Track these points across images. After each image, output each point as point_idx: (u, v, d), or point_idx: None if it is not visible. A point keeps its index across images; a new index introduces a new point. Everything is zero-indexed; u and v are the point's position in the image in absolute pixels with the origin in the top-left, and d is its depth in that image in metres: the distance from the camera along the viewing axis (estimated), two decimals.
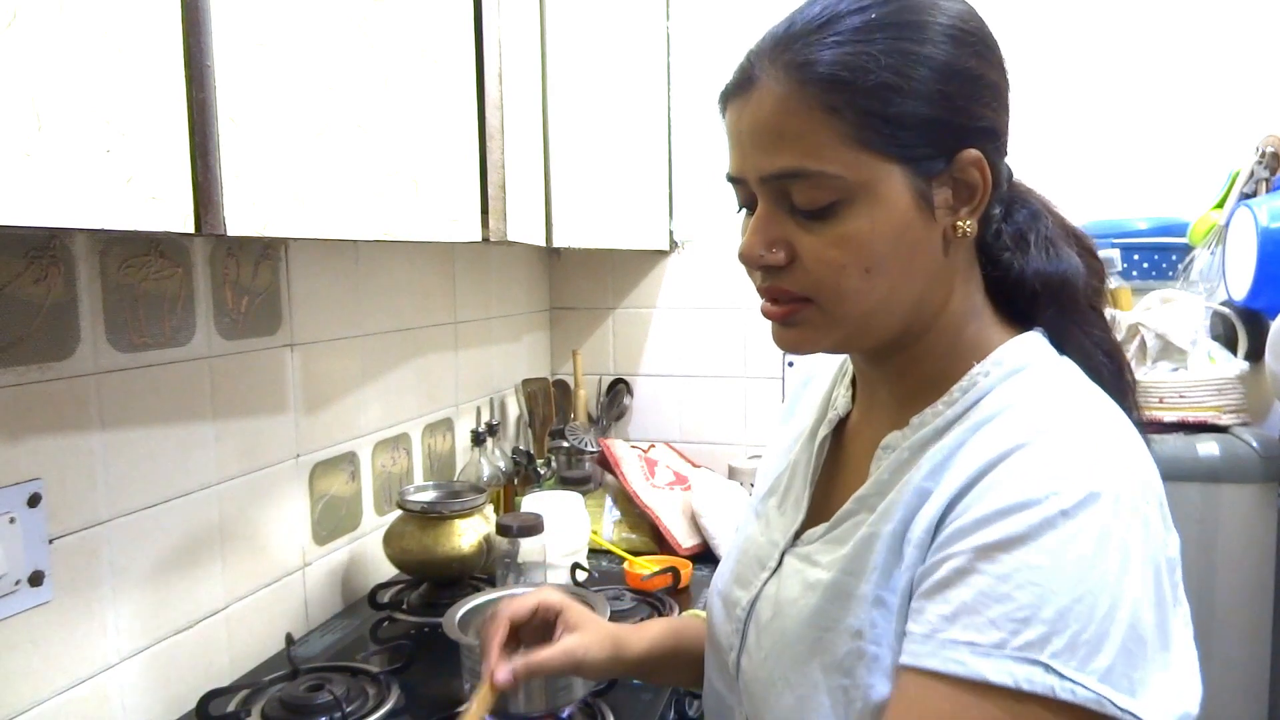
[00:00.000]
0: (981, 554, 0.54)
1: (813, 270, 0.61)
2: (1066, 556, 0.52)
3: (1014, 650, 0.51)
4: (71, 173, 0.58)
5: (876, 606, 0.60)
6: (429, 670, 1.17)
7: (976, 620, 0.53)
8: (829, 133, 0.58)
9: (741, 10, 1.99)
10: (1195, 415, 1.56)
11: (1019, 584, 0.52)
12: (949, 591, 0.54)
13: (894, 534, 0.61)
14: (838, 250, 0.60)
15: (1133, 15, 1.80)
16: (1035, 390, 0.62)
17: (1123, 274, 1.75)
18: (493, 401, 1.91)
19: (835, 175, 0.58)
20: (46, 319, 0.91)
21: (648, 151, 1.94)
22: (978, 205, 0.62)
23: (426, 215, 1.00)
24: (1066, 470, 0.55)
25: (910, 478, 0.63)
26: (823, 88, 0.58)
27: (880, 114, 0.58)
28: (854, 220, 0.59)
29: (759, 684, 0.68)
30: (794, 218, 0.61)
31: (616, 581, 1.49)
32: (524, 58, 1.25)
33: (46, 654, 0.92)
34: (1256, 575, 1.48)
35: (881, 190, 0.59)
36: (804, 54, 0.59)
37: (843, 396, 0.77)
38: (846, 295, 0.61)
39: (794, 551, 0.72)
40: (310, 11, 0.80)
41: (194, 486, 1.12)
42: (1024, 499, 0.54)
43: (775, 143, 0.60)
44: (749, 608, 0.72)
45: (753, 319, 2.05)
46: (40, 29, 0.56)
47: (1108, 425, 0.59)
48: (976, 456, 0.59)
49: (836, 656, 0.61)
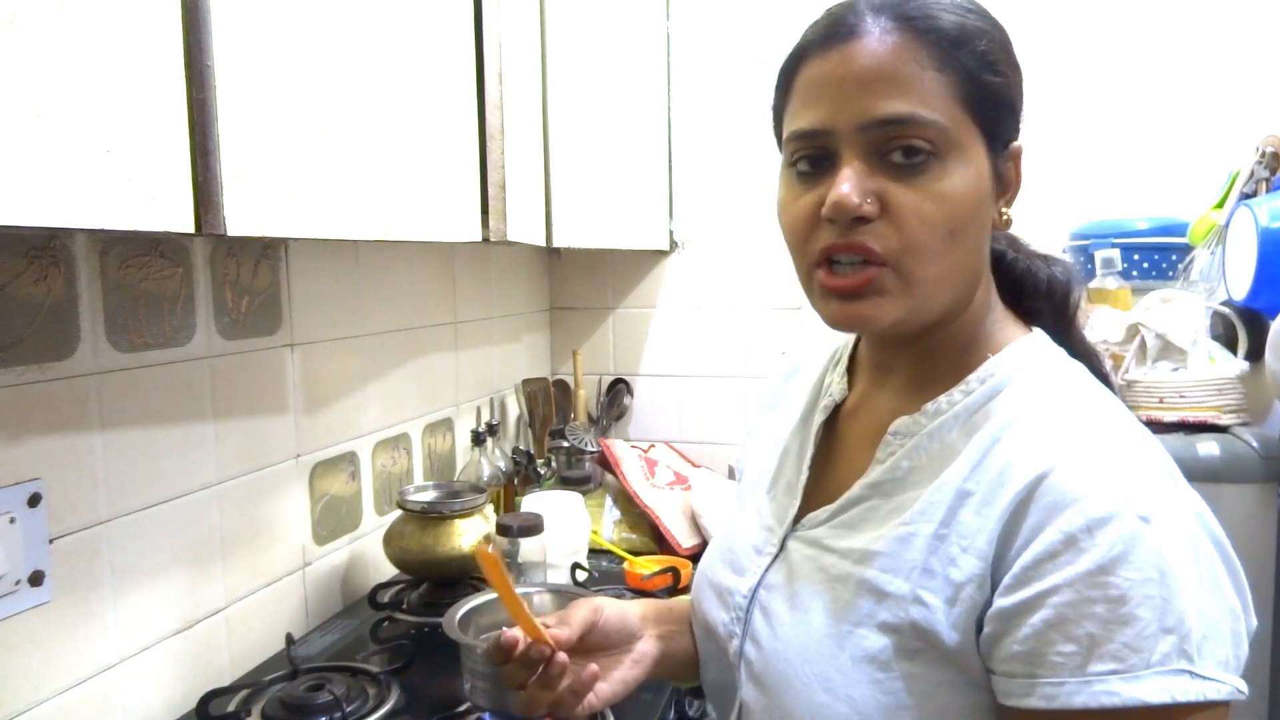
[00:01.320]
0: (1088, 582, 0.54)
1: (907, 221, 0.60)
2: (1166, 562, 0.53)
3: (1158, 666, 0.52)
4: (71, 172, 0.58)
5: (916, 604, 0.60)
6: (429, 670, 1.17)
7: (1111, 648, 0.53)
8: (940, 86, 0.60)
9: (741, 10, 1.99)
10: (1195, 415, 1.56)
11: (1138, 602, 0.53)
12: (1069, 627, 0.54)
13: (936, 535, 0.61)
14: (933, 205, 0.60)
15: (1133, 16, 1.80)
16: (1059, 392, 0.63)
17: (1123, 274, 1.75)
18: (493, 401, 1.91)
19: (944, 127, 0.60)
20: (46, 319, 0.91)
21: (648, 151, 1.94)
22: (1012, 198, 0.66)
23: (427, 215, 1.00)
24: (1126, 478, 0.56)
25: (946, 479, 0.62)
26: (939, 44, 0.60)
27: (981, 81, 0.61)
28: (948, 179, 0.60)
29: (775, 675, 0.67)
30: (885, 172, 0.61)
31: (616, 581, 1.49)
32: (524, 58, 1.25)
33: (46, 654, 0.92)
34: (1256, 575, 1.48)
35: (971, 155, 0.62)
36: (921, 11, 0.61)
37: (837, 383, 0.78)
38: (929, 256, 0.61)
39: (797, 536, 0.71)
40: (310, 11, 0.80)
41: (194, 486, 1.12)
42: (1102, 514, 0.54)
43: (890, 88, 0.60)
44: (750, 595, 0.72)
45: (753, 319, 2.06)
46: (40, 29, 0.56)
47: (1133, 427, 0.61)
48: (1021, 462, 0.59)
49: (871, 651, 0.61)
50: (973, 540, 0.59)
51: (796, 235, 0.65)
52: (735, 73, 2.00)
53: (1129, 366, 1.65)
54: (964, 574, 0.59)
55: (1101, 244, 1.76)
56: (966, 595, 0.59)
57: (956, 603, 0.59)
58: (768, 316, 2.04)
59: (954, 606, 0.59)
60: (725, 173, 2.03)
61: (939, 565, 0.60)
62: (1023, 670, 0.56)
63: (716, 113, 2.03)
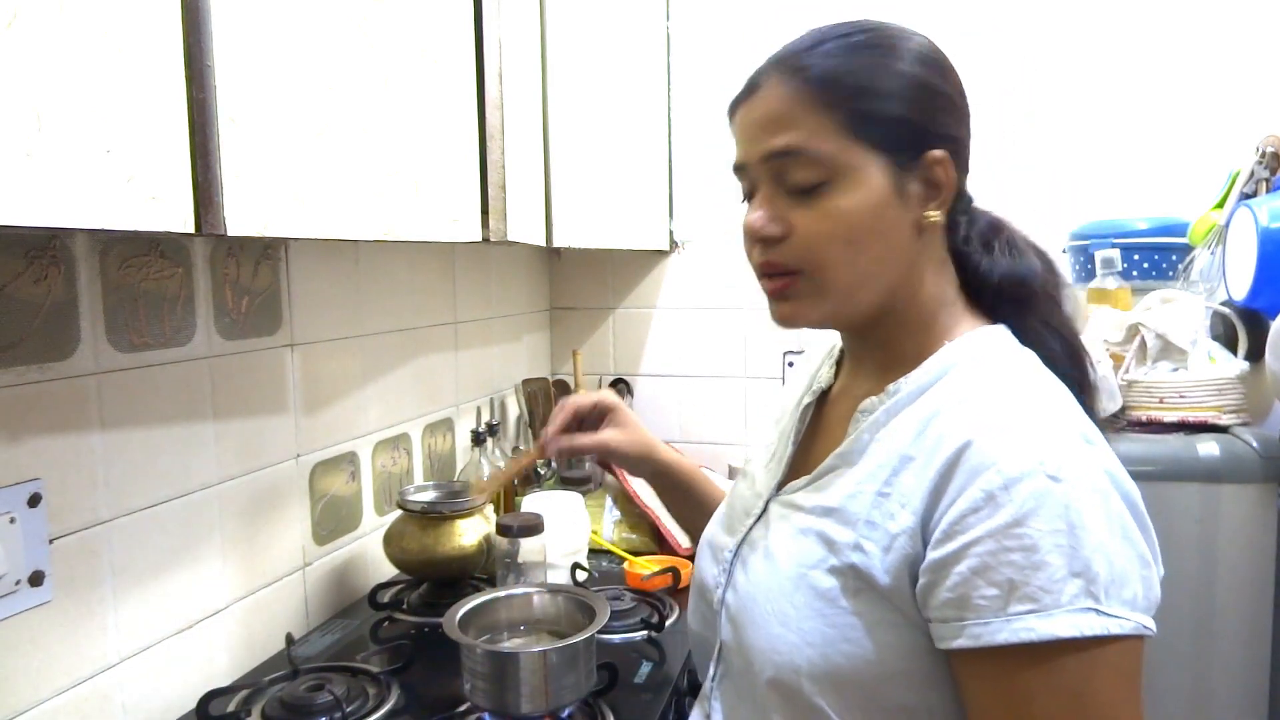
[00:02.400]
0: (1004, 534, 0.61)
1: (803, 240, 0.72)
2: (1073, 515, 0.61)
3: (1068, 605, 0.60)
4: (71, 172, 0.58)
5: (856, 551, 0.70)
6: (429, 670, 1.17)
7: (1027, 590, 0.60)
8: (822, 122, 0.71)
9: (741, 11, 1.99)
10: (1195, 415, 1.56)
11: (1048, 550, 0.60)
12: (990, 574, 0.62)
13: (880, 494, 0.70)
14: (826, 223, 0.71)
15: (1133, 16, 1.80)
16: (998, 375, 0.71)
17: (1123, 274, 1.75)
18: (493, 401, 1.91)
19: (826, 155, 0.70)
20: (46, 319, 0.91)
21: (648, 151, 1.94)
22: (943, 200, 0.74)
23: (427, 215, 1.00)
24: (1039, 443, 0.64)
25: (891, 443, 0.72)
26: (817, 86, 0.71)
27: (863, 110, 0.71)
28: (840, 198, 0.71)
29: (744, 614, 0.77)
30: (789, 197, 0.73)
31: (616, 581, 1.49)
32: (524, 58, 1.25)
33: (46, 654, 0.92)
34: (1256, 575, 1.48)
35: (863, 176, 0.71)
36: (804, 61, 0.72)
37: (826, 371, 0.90)
38: (830, 265, 0.72)
39: (778, 500, 0.82)
40: (310, 11, 0.80)
41: (194, 486, 1.12)
42: (1016, 474, 0.62)
43: (778, 127, 0.72)
44: (735, 550, 0.83)
45: (753, 319, 2.06)
46: (40, 29, 0.56)
47: (1054, 399, 0.69)
48: (952, 431, 0.67)
49: (820, 588, 0.71)
50: (909, 498, 0.68)
51: (747, 252, 0.78)
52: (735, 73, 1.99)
53: (1129, 366, 1.65)
54: (899, 526, 0.68)
55: (1101, 244, 1.76)
56: (900, 545, 0.67)
57: (891, 550, 0.68)
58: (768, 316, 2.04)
59: (888, 554, 0.68)
60: (725, 173, 2.02)
61: (880, 519, 0.69)
62: (953, 615, 0.64)
63: (716, 113, 2.03)
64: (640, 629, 1.29)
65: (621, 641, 1.27)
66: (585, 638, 0.99)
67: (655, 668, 1.19)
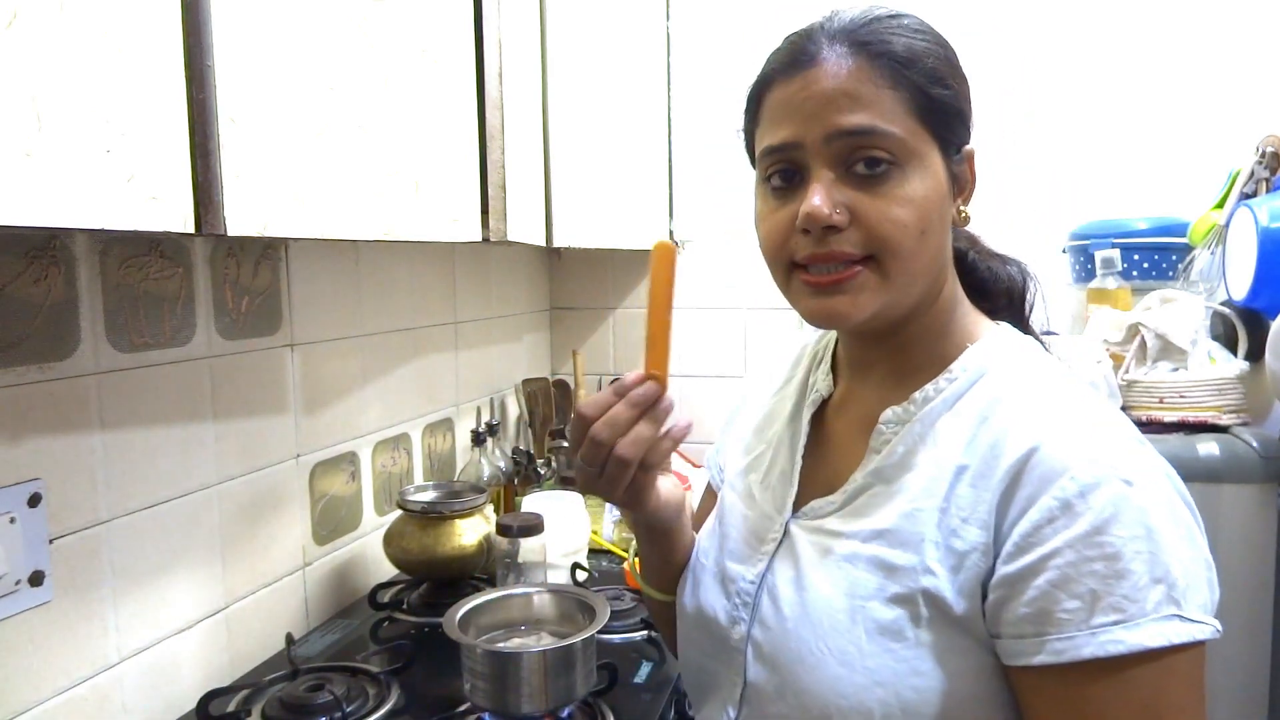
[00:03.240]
0: (1084, 543, 0.58)
1: (877, 229, 0.66)
2: (1150, 520, 0.59)
3: (1153, 614, 0.57)
4: (71, 173, 0.58)
5: (925, 574, 0.64)
6: (429, 670, 1.17)
7: (1111, 601, 0.58)
8: (895, 102, 0.66)
9: (741, 10, 1.99)
10: (1195, 415, 1.56)
11: (1130, 557, 0.58)
12: (1072, 585, 0.59)
13: (938, 509, 0.66)
14: (901, 209, 0.66)
15: (1133, 16, 1.80)
16: (1042, 378, 0.69)
17: (1123, 274, 1.75)
18: (493, 401, 1.91)
19: (902, 138, 0.65)
20: (46, 319, 0.91)
21: (648, 151, 1.94)
22: (969, 197, 0.72)
23: (427, 215, 1.00)
24: (1107, 447, 0.61)
25: (937, 454, 0.68)
26: (891, 64, 0.66)
27: (932, 95, 0.67)
28: (911, 184, 0.66)
29: (787, 653, 0.69)
30: (850, 183, 0.66)
31: (616, 581, 1.49)
32: (524, 58, 1.25)
33: (46, 654, 0.92)
34: (1256, 575, 1.48)
35: (929, 162, 0.67)
36: (872, 35, 0.67)
37: (822, 380, 0.83)
38: (904, 253, 0.66)
39: (800, 524, 0.74)
40: (310, 11, 0.80)
41: (194, 486, 1.12)
42: (1091, 480, 0.59)
43: (851, 104, 0.65)
44: (758, 581, 0.74)
45: (753, 319, 2.06)
46: (40, 29, 0.56)
47: (1102, 401, 0.68)
48: (1011, 437, 0.64)
49: (883, 621, 0.65)
50: (972, 511, 0.64)
51: (773, 245, 0.70)
52: (735, 73, 2.00)
53: (1129, 366, 1.65)
54: (967, 543, 0.64)
55: (1101, 244, 1.76)
56: (971, 563, 0.63)
57: (961, 570, 0.63)
58: (768, 316, 2.04)
59: (959, 574, 0.63)
60: (725, 173, 2.03)
61: (942, 537, 0.65)
62: (1032, 630, 0.60)
63: (716, 112, 2.03)
64: (640, 629, 1.29)
65: (621, 641, 1.27)
66: (585, 638, 0.99)
67: (655, 668, 1.19)
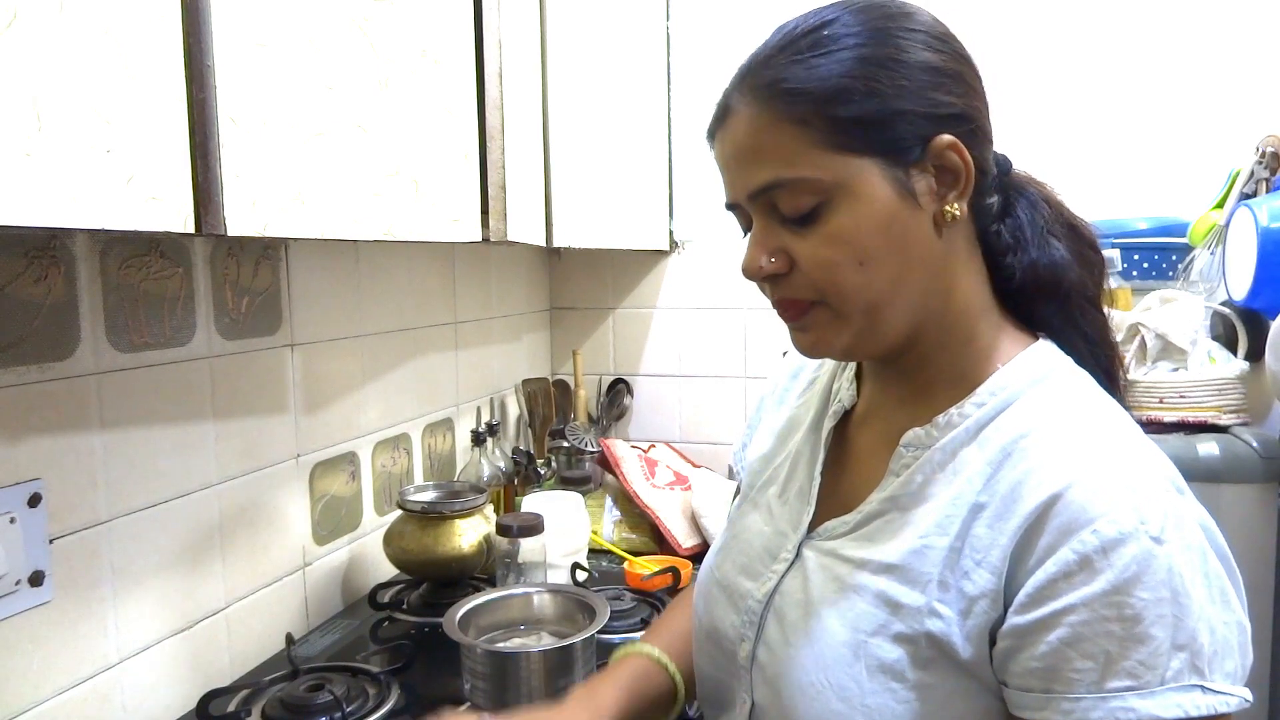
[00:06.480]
0: (1104, 602, 0.55)
1: (811, 272, 0.64)
2: (1177, 582, 0.55)
3: (1171, 683, 0.54)
4: (71, 173, 0.58)
5: (931, 616, 0.61)
6: (429, 670, 1.17)
7: (1126, 665, 0.54)
8: (799, 142, 0.62)
9: (741, 10, 1.99)
10: (1195, 415, 1.56)
11: (1152, 621, 0.54)
12: (1086, 645, 0.55)
13: (950, 549, 0.62)
14: (829, 248, 0.63)
15: (1133, 15, 1.80)
16: (1073, 411, 0.64)
17: (1123, 274, 1.75)
18: (493, 401, 1.91)
19: (812, 179, 0.62)
20: (46, 319, 0.91)
21: (648, 151, 1.93)
22: (964, 189, 0.64)
23: (427, 215, 1.00)
24: (1137, 497, 0.57)
25: (955, 487, 0.64)
26: (787, 101, 0.62)
27: (843, 116, 0.61)
28: (838, 218, 0.63)
29: (787, 680, 0.67)
30: (786, 228, 0.65)
31: (616, 581, 1.49)
32: (524, 58, 1.25)
33: (46, 654, 0.92)
34: (1256, 575, 1.48)
35: (859, 186, 0.62)
36: (767, 75, 0.64)
37: (846, 390, 0.78)
38: (847, 290, 0.64)
39: (813, 545, 0.72)
40: (310, 12, 0.80)
41: (194, 486, 1.12)
42: (1116, 535, 0.55)
43: (753, 160, 0.64)
44: (765, 600, 0.72)
45: (753, 319, 2.05)
46: (40, 29, 0.56)
47: (1139, 439, 0.63)
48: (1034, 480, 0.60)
49: (886, 660, 0.63)
50: (986, 554, 0.60)
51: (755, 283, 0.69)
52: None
53: (1129, 367, 1.65)
54: (977, 588, 0.60)
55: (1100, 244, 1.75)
56: (980, 609, 0.60)
57: (970, 615, 0.60)
58: (768, 316, 2.03)
59: (968, 619, 0.60)
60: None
61: (953, 578, 0.61)
62: (1039, 685, 0.57)
63: None
64: (640, 629, 1.29)
65: (621, 641, 1.27)
66: (585, 638, 0.99)
67: None
